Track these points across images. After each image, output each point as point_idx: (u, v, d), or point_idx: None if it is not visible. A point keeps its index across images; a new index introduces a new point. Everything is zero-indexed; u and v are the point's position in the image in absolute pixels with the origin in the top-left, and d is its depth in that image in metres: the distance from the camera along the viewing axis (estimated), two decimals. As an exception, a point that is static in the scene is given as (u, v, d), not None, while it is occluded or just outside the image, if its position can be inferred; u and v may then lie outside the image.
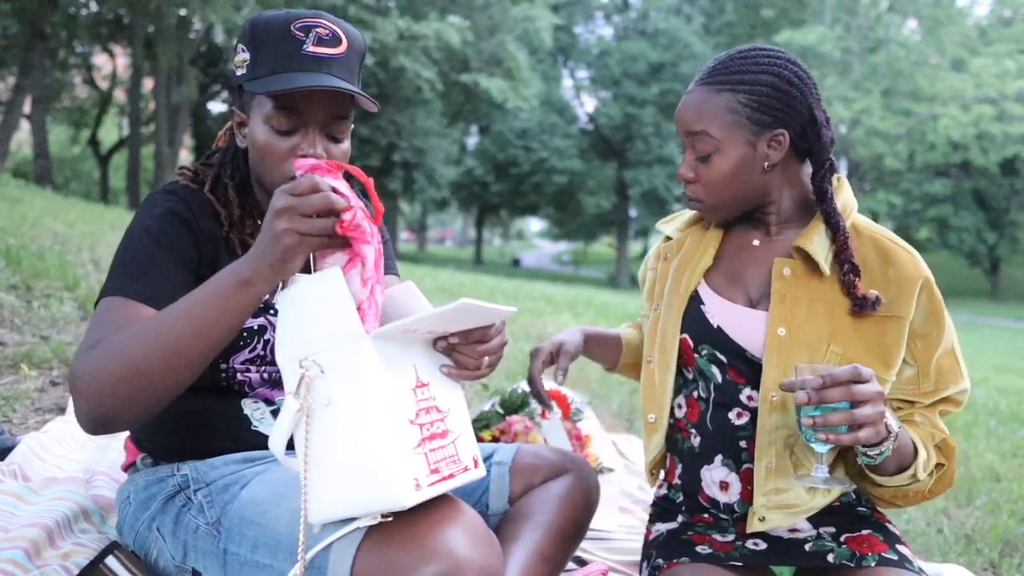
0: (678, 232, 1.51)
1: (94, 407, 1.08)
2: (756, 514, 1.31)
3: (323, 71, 1.25)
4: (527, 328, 5.66)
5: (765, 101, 1.29)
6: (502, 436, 2.15)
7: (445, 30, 18.57)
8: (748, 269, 1.40)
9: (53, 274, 3.66)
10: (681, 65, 28.69)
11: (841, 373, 1.12)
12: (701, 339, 1.38)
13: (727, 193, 1.36)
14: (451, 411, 1.11)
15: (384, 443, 1.00)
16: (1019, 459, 3.50)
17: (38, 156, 16.51)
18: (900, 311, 1.29)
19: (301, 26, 1.25)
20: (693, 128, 1.33)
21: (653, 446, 1.46)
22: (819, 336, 1.29)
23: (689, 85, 1.38)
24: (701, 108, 1.32)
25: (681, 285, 1.43)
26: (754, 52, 1.33)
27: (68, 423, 2.13)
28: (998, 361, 10.26)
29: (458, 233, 67.38)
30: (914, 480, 1.27)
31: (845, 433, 1.12)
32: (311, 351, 1.02)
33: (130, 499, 1.35)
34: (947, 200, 28.52)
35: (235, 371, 1.32)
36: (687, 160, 1.37)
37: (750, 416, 1.34)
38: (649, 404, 1.46)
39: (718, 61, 1.35)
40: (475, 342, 1.13)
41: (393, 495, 0.99)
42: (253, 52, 1.27)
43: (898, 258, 1.32)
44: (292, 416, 1.02)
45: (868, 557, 1.25)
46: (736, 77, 1.31)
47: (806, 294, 1.32)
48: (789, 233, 1.39)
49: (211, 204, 1.31)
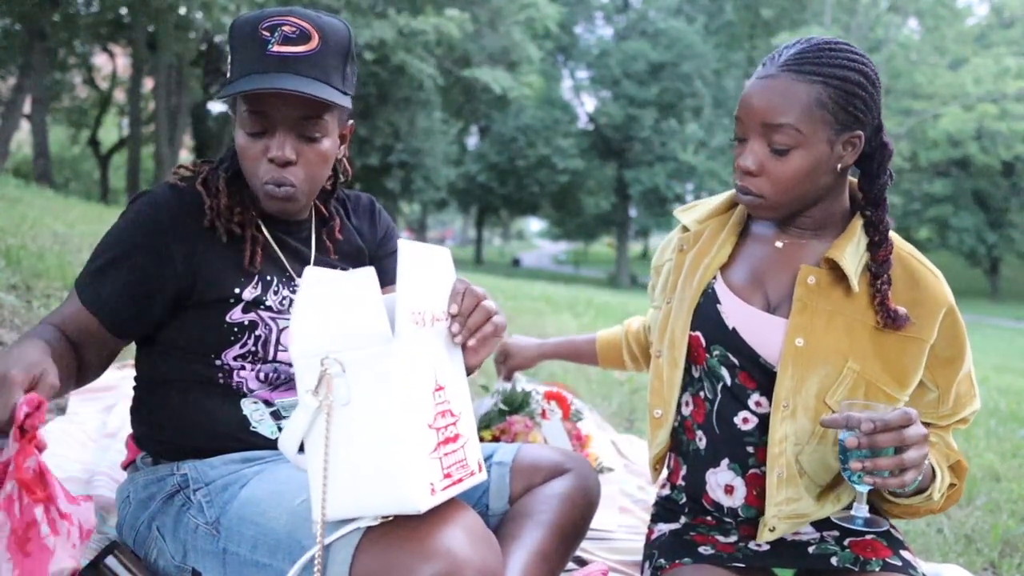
0: (696, 223, 1.44)
1: None
2: (767, 524, 1.29)
3: (288, 71, 1.23)
4: (527, 328, 5.66)
5: (852, 100, 1.22)
6: (502, 436, 2.15)
7: (444, 24, 18.55)
8: (769, 271, 1.35)
9: (53, 274, 3.66)
10: (683, 65, 28.67)
11: (893, 419, 1.09)
12: (714, 339, 1.34)
13: (794, 192, 1.27)
14: (462, 415, 1.11)
15: (404, 447, 0.99)
16: (1019, 459, 3.49)
17: (38, 156, 16.51)
18: (923, 334, 1.27)
19: (268, 25, 1.24)
20: (775, 119, 1.22)
21: (658, 441, 1.43)
22: (838, 350, 1.26)
23: (760, 69, 1.26)
24: (788, 97, 1.21)
25: (695, 279, 1.38)
26: (842, 46, 1.24)
27: (68, 423, 2.13)
28: (998, 361, 10.26)
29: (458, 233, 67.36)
30: (928, 500, 1.27)
31: (892, 478, 1.11)
32: (333, 349, 1.01)
33: (130, 499, 1.35)
34: (947, 200, 28.48)
35: (230, 368, 1.32)
36: (754, 151, 1.25)
37: (758, 421, 1.32)
38: (656, 399, 1.42)
39: (804, 49, 1.23)
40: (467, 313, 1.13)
41: (409, 499, 0.99)
42: (231, 54, 1.28)
43: (925, 281, 1.29)
44: (310, 414, 1.02)
45: (872, 562, 1.24)
46: (828, 70, 1.21)
47: (827, 306, 1.28)
48: (817, 240, 1.34)
49: (200, 197, 1.31)
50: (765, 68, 1.26)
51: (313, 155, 1.29)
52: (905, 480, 1.11)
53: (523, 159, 29.18)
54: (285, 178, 1.28)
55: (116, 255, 1.28)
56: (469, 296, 1.13)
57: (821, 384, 1.26)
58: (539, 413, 2.28)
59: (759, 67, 1.28)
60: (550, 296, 9.54)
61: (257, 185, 1.30)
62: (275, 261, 1.37)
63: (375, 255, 1.54)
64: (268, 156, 1.27)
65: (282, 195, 1.29)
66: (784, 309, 1.31)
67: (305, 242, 1.43)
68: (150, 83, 20.20)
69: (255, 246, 1.34)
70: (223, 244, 1.31)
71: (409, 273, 1.04)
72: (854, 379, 1.26)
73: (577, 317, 7.21)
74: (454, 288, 1.13)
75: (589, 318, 7.25)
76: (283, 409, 1.36)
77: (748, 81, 1.28)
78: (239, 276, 1.31)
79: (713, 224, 1.43)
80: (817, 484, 1.30)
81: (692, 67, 28.55)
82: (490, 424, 2.21)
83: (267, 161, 1.27)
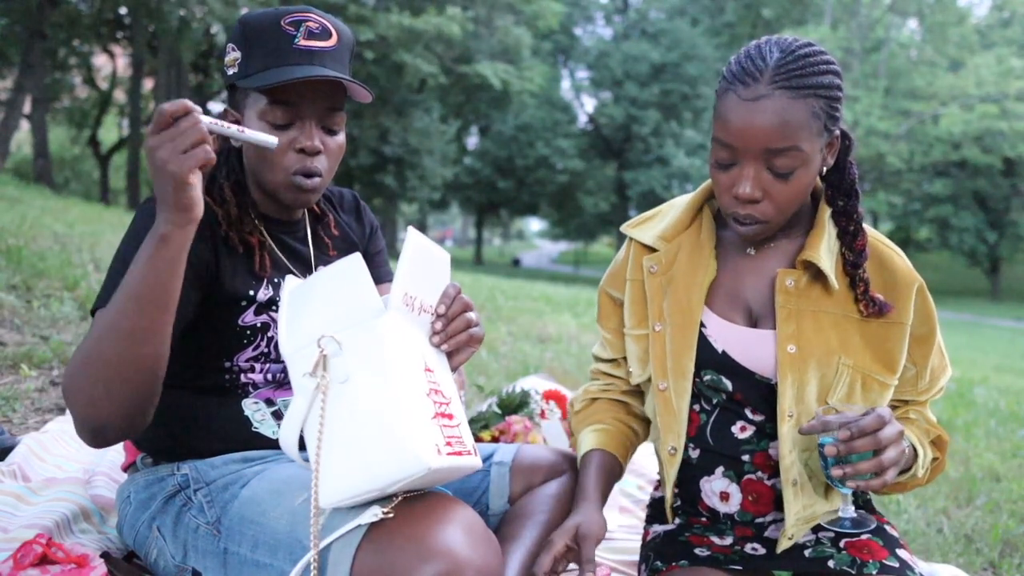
0: (662, 241, 1.37)
1: (82, 418, 1.09)
2: (786, 534, 1.27)
3: (315, 63, 1.26)
4: (527, 328, 5.66)
5: (835, 104, 1.18)
6: (501, 436, 2.15)
7: (445, 24, 18.56)
8: (746, 282, 1.32)
9: (53, 274, 3.66)
10: (685, 66, 28.66)
11: (867, 424, 1.11)
12: (704, 364, 1.31)
13: (793, 209, 1.23)
14: (452, 400, 1.12)
15: (408, 406, 1.01)
16: (1019, 459, 3.49)
17: (38, 156, 16.49)
18: (902, 317, 1.28)
19: (291, 21, 1.26)
20: (779, 144, 1.14)
21: (672, 478, 1.36)
22: (829, 349, 1.26)
23: (740, 87, 1.15)
24: (788, 120, 1.13)
25: (688, 303, 1.32)
26: (814, 49, 1.18)
27: (68, 423, 2.13)
28: (998, 361, 10.26)
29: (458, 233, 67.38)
30: (913, 477, 1.28)
31: (873, 480, 1.13)
32: (329, 331, 1.03)
33: (130, 499, 1.34)
34: (947, 200, 28.51)
35: (239, 370, 1.32)
36: (753, 177, 1.17)
37: (755, 429, 1.31)
38: (670, 435, 1.33)
39: (786, 60, 1.15)
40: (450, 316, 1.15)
41: (419, 457, 0.98)
42: (245, 50, 1.28)
43: (893, 262, 1.29)
44: (308, 397, 1.02)
45: (869, 565, 1.24)
46: (815, 80, 1.14)
47: (810, 306, 1.27)
48: (786, 239, 1.32)
49: (208, 206, 1.31)
50: (749, 87, 1.14)
51: (335, 147, 1.32)
52: (886, 479, 1.12)
53: (523, 159, 29.19)
54: (316, 168, 1.29)
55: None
56: (458, 302, 1.16)
57: (820, 386, 1.26)
58: (538, 413, 2.28)
59: (734, 84, 1.17)
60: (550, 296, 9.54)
61: (280, 178, 1.29)
62: (278, 263, 1.38)
63: (365, 251, 1.55)
64: (297, 147, 1.28)
65: (310, 186, 1.30)
66: (768, 319, 1.30)
67: (303, 241, 1.43)
68: (150, 83, 20.20)
69: (263, 250, 1.34)
70: (234, 249, 1.32)
71: (412, 259, 1.08)
72: (850, 374, 1.26)
73: (577, 317, 7.21)
74: (446, 291, 1.16)
75: (589, 318, 7.25)
76: (284, 408, 1.36)
77: (727, 100, 1.17)
78: (251, 279, 1.32)
79: (687, 241, 1.36)
80: (822, 482, 1.31)
81: (696, 68, 28.55)
82: (489, 424, 2.21)
83: (294, 152, 1.28)
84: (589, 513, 1.27)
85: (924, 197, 28.94)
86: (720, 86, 1.20)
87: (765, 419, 1.31)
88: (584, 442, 1.41)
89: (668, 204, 1.45)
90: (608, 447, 1.39)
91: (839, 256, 1.29)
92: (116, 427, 1.10)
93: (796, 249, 1.31)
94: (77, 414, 1.09)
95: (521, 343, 4.90)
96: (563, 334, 5.66)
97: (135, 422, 1.11)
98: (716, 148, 1.20)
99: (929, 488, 2.78)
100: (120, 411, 1.08)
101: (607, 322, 1.46)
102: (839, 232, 1.29)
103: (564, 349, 4.97)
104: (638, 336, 1.39)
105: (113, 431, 1.10)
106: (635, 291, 1.39)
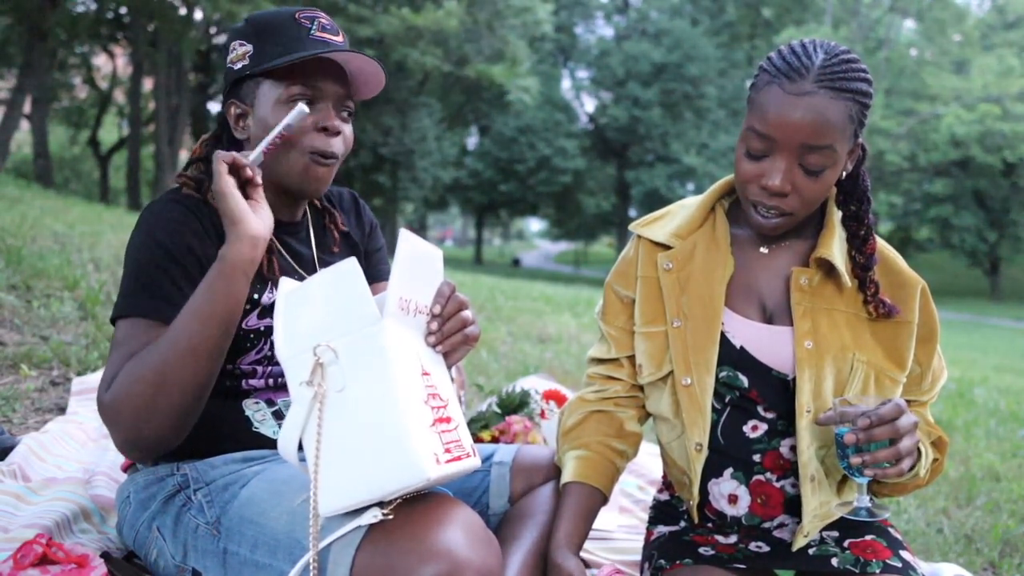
0: (676, 239, 1.38)
1: (133, 432, 1.14)
2: (803, 531, 1.28)
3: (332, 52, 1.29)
4: (527, 328, 5.66)
5: (866, 112, 1.22)
6: (501, 436, 2.15)
7: (443, 19, 18.61)
8: (760, 280, 1.34)
9: (53, 274, 3.65)
10: (687, 66, 28.65)
11: (886, 412, 1.13)
12: (722, 360, 1.31)
13: (814, 207, 1.27)
14: (450, 402, 1.12)
15: (407, 417, 1.00)
16: (1019, 459, 3.49)
17: (38, 156, 16.49)
18: (909, 316, 1.31)
19: (304, 16, 1.32)
20: (817, 141, 1.17)
21: (698, 474, 1.32)
22: (844, 345, 1.28)
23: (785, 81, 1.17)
24: (828, 119, 1.17)
25: (709, 298, 1.32)
26: (853, 56, 1.21)
27: (68, 423, 2.13)
28: (998, 361, 10.26)
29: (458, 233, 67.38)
30: (915, 477, 1.28)
31: (890, 468, 1.14)
32: (324, 338, 1.03)
33: (130, 499, 1.34)
34: (948, 200, 28.51)
35: (241, 373, 1.32)
36: (784, 170, 1.20)
37: (767, 428, 1.31)
38: (695, 430, 1.31)
39: (831, 62, 1.18)
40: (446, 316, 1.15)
41: (419, 467, 0.98)
42: (257, 43, 1.30)
43: (897, 265, 1.34)
44: (306, 405, 1.02)
45: (872, 564, 1.25)
46: (856, 85, 1.18)
47: (824, 304, 1.30)
48: (799, 239, 1.35)
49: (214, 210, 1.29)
50: (795, 83, 1.17)
51: (349, 133, 1.36)
52: (903, 468, 1.14)
53: (523, 160, 29.17)
54: (333, 149, 1.32)
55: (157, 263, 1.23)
56: (453, 301, 1.15)
57: (836, 381, 1.28)
58: (538, 413, 2.28)
59: (778, 78, 1.19)
60: (550, 296, 9.53)
61: (296, 163, 1.30)
62: (284, 265, 1.37)
63: (365, 250, 1.54)
64: (320, 125, 1.30)
65: (324, 171, 1.32)
66: (783, 316, 1.32)
67: (305, 243, 1.43)
68: (150, 83, 20.19)
69: (270, 253, 1.34)
70: None
71: (406, 262, 1.07)
72: (864, 370, 1.28)
73: (577, 317, 7.20)
74: (440, 290, 1.15)
75: (589, 318, 7.25)
76: (285, 408, 1.36)
77: (769, 93, 1.19)
78: (256, 282, 1.31)
79: (702, 238, 1.37)
80: (835, 479, 1.32)
81: (698, 68, 28.54)
82: (489, 424, 2.21)
83: (315, 131, 1.30)
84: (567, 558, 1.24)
85: (924, 197, 28.94)
86: (760, 79, 1.23)
87: (778, 416, 1.31)
88: (566, 470, 1.37)
89: (677, 204, 1.46)
90: (590, 480, 1.35)
91: (848, 258, 1.32)
92: (169, 439, 1.18)
93: (807, 249, 1.34)
94: (128, 429, 1.15)
95: (521, 343, 4.89)
96: (563, 334, 5.65)
97: (181, 434, 1.19)
98: (750, 137, 1.22)
99: (929, 488, 2.78)
100: (176, 424, 1.17)
101: (613, 319, 1.44)
102: (849, 236, 1.33)
103: (564, 349, 4.97)
104: (650, 333, 1.37)
105: (164, 443, 1.18)
106: (647, 288, 1.38)
